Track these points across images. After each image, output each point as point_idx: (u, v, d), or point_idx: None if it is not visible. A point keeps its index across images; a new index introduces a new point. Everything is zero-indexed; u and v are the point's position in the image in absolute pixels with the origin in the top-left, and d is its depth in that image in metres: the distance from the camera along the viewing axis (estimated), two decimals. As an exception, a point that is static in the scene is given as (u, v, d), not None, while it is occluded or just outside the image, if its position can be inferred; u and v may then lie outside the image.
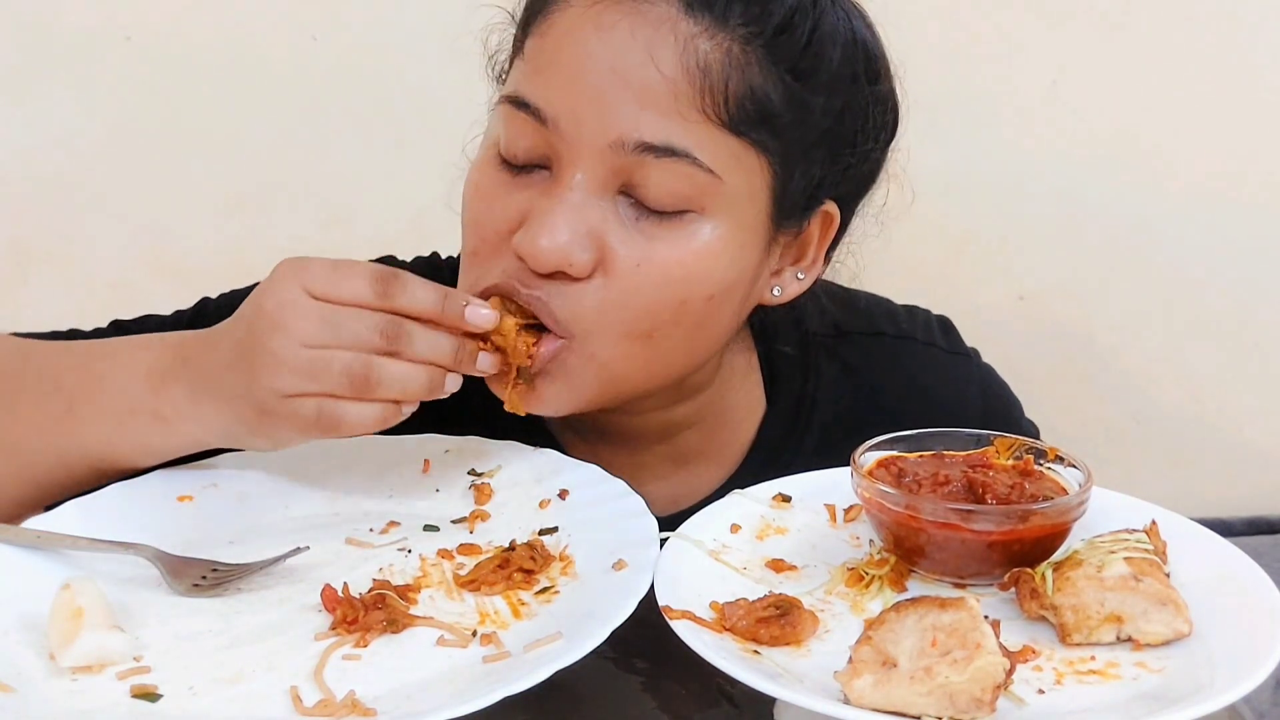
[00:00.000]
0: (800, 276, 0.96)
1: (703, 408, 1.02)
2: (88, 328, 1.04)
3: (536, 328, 0.86)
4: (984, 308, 1.74)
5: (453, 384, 0.82)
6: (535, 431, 0.97)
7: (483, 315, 0.82)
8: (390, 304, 0.79)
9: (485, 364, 0.84)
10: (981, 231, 1.76)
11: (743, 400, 1.04)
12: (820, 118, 0.88)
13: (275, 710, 0.66)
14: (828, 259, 0.99)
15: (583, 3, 0.85)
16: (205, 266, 1.68)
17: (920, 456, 0.82)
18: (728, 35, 0.83)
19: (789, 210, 0.90)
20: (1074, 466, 0.79)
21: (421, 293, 0.80)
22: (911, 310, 1.12)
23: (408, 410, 0.82)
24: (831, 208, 0.94)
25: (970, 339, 1.13)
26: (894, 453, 0.82)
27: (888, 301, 1.12)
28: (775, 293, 0.95)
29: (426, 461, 0.92)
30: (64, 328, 1.05)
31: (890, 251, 1.18)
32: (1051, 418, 1.16)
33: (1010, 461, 0.82)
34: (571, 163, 0.84)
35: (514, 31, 0.92)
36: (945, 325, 1.12)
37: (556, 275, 0.85)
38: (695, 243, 0.86)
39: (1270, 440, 1.87)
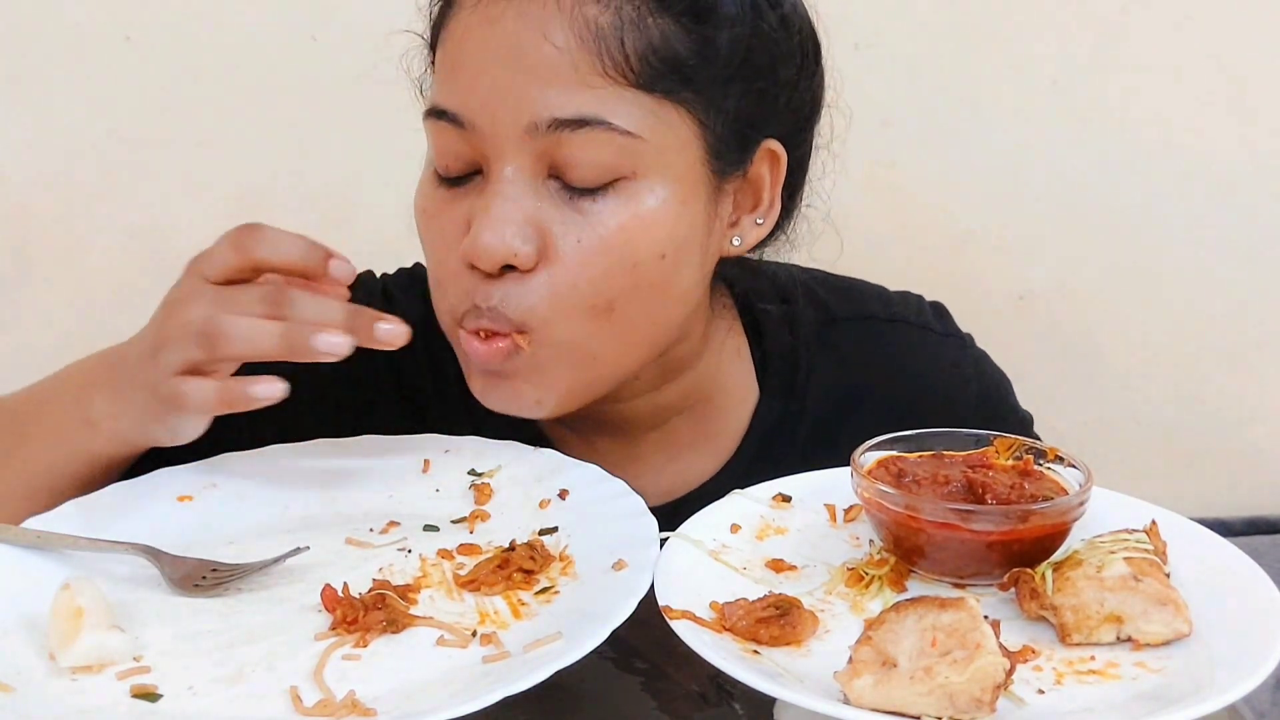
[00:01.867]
0: (759, 222, 0.95)
1: (692, 391, 1.02)
2: (88, 327, 1.04)
3: None
4: (984, 308, 1.74)
5: (329, 345, 0.79)
6: (524, 425, 0.97)
7: (345, 269, 0.82)
8: (250, 257, 0.81)
9: (386, 334, 0.82)
10: (980, 231, 1.76)
11: (734, 387, 1.04)
12: (727, 55, 0.87)
13: (275, 710, 0.66)
14: (790, 202, 0.98)
15: (470, 4, 0.86)
16: (205, 266, 1.68)
17: (920, 456, 0.82)
18: None
19: (724, 155, 0.90)
20: (1074, 466, 0.79)
21: (284, 244, 0.82)
22: (904, 295, 1.12)
23: (262, 391, 0.80)
24: (775, 146, 0.93)
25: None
26: (894, 453, 0.82)
27: (879, 287, 1.12)
28: (735, 242, 0.95)
29: (426, 461, 0.92)
30: (64, 327, 1.05)
31: (890, 251, 1.18)
32: (1051, 418, 1.16)
33: (1010, 461, 0.82)
34: (497, 158, 0.85)
35: (429, 53, 0.94)
36: (939, 309, 1.12)
37: (505, 273, 0.85)
38: (634, 207, 0.86)
39: (1270, 440, 1.87)
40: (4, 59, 1.64)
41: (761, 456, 1.03)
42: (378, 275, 1.11)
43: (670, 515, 0.88)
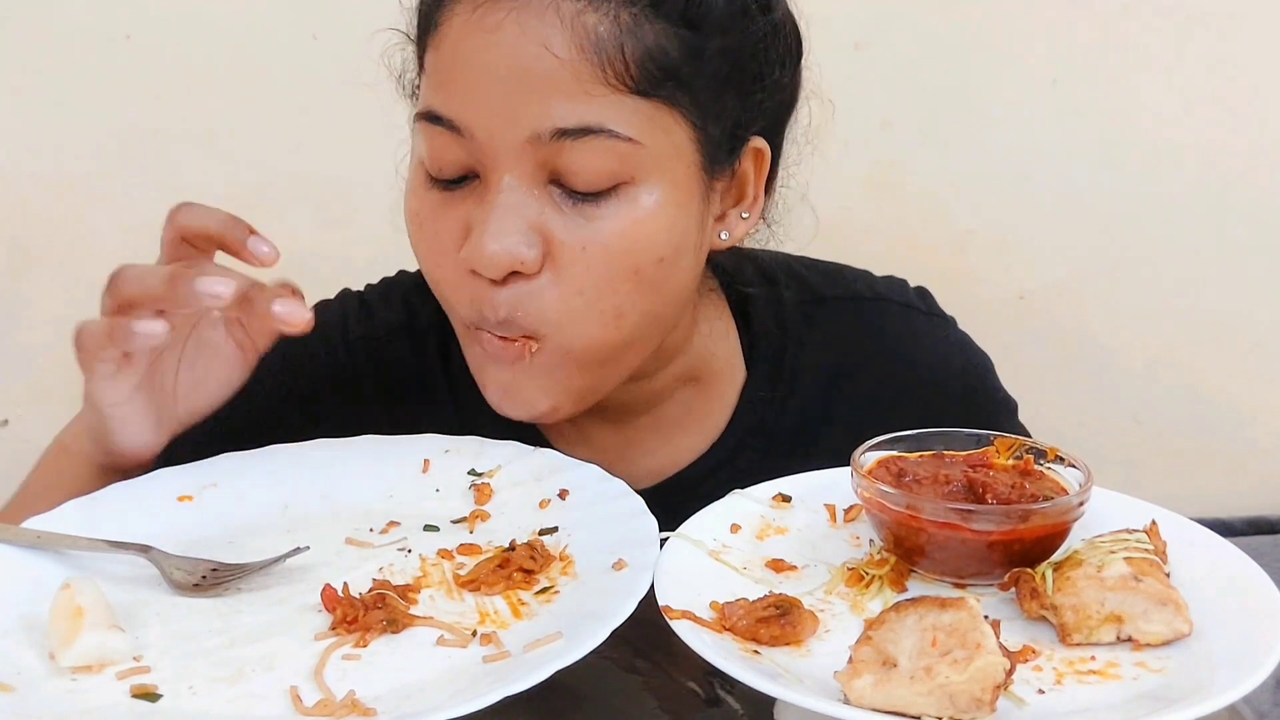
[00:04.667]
0: (745, 215, 0.97)
1: (682, 374, 1.03)
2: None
3: None
4: (984, 307, 1.74)
5: (208, 286, 0.81)
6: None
7: (264, 248, 0.84)
8: (175, 226, 0.87)
9: (281, 312, 0.82)
10: (981, 231, 1.76)
11: (722, 367, 1.05)
12: (721, 60, 0.88)
13: (275, 710, 0.66)
14: (768, 192, 0.99)
15: (466, 10, 0.85)
16: (205, 266, 1.68)
17: (920, 456, 0.82)
18: (612, 3, 0.84)
19: (717, 156, 0.91)
20: (1074, 466, 0.79)
21: (207, 214, 0.87)
22: (889, 278, 1.13)
23: (143, 329, 0.83)
24: (760, 143, 0.94)
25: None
26: (894, 453, 0.82)
27: (865, 270, 1.13)
28: (723, 236, 0.96)
29: (426, 461, 0.92)
30: (64, 327, 1.05)
31: (890, 251, 1.18)
32: (1051, 418, 1.16)
33: (1010, 461, 0.82)
34: (496, 166, 0.85)
35: (414, 49, 0.94)
36: (922, 292, 1.12)
37: (510, 279, 0.86)
38: (635, 212, 0.86)
39: (1270, 440, 1.87)
40: (4, 59, 1.64)
41: (751, 434, 1.04)
42: (354, 290, 1.13)
43: (661, 494, 0.89)
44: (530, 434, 1.00)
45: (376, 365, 1.07)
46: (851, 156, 1.68)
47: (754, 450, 1.04)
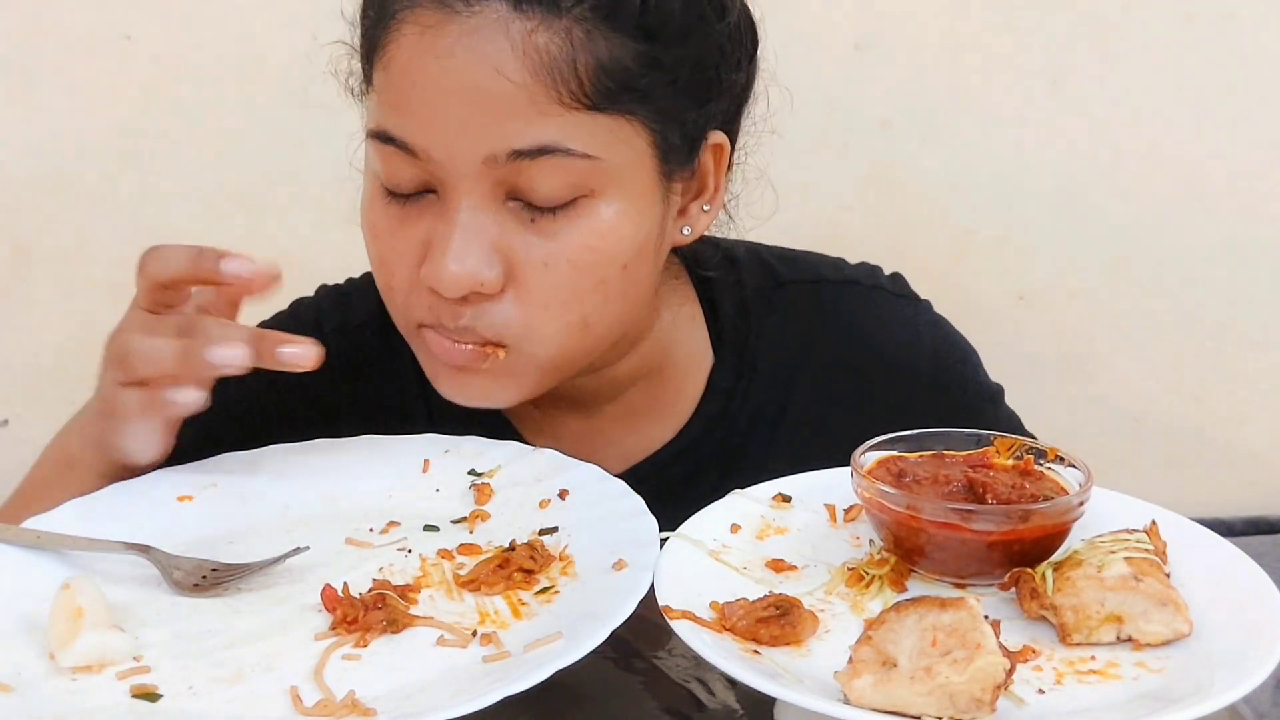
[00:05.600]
0: (706, 208, 0.97)
1: (646, 361, 1.03)
2: (88, 327, 1.04)
3: None
4: (984, 308, 1.74)
5: (221, 357, 0.82)
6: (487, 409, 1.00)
7: (238, 266, 0.84)
8: (150, 279, 0.85)
9: (290, 356, 0.84)
10: (981, 231, 1.76)
11: (688, 354, 1.06)
12: (679, 69, 0.88)
13: (275, 710, 0.66)
14: (727, 180, 1.00)
15: (414, 33, 0.85)
16: (205, 266, 1.68)
17: (920, 456, 0.82)
18: (563, 19, 0.83)
19: (675, 159, 0.91)
20: (1074, 466, 0.79)
21: (172, 259, 0.85)
22: (861, 263, 1.12)
23: (180, 398, 0.84)
24: (719, 137, 0.94)
25: (970, 338, 1.13)
26: (894, 453, 0.82)
27: (838, 258, 1.13)
28: (685, 232, 0.96)
29: (426, 461, 0.92)
30: (64, 327, 1.06)
31: (890, 251, 1.18)
32: (1051, 418, 1.16)
33: (1010, 461, 0.82)
34: (454, 187, 0.85)
35: (360, 62, 0.94)
36: (896, 277, 1.12)
37: (471, 297, 0.86)
38: (596, 224, 0.87)
39: (1270, 440, 1.87)
40: (4, 59, 1.63)
41: (715, 421, 1.05)
42: (333, 284, 1.14)
43: (629, 481, 0.89)
44: (499, 423, 1.02)
45: (347, 355, 1.07)
46: (851, 156, 1.68)
47: (718, 437, 1.04)
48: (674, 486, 0.92)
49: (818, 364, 1.05)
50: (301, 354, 0.84)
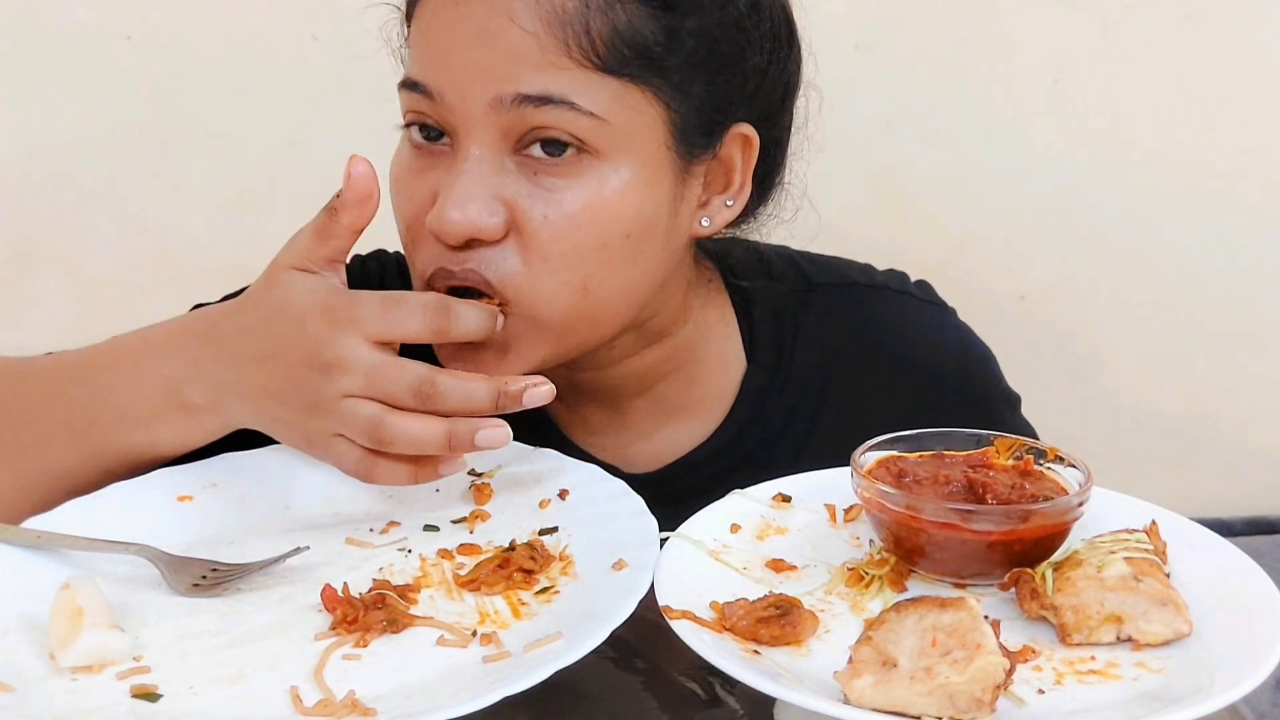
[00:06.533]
0: (729, 204, 0.96)
1: (674, 357, 1.03)
2: (88, 327, 1.03)
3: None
4: (984, 308, 1.74)
5: (490, 440, 0.82)
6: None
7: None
8: (445, 334, 0.83)
9: (533, 397, 0.83)
10: (981, 231, 1.76)
11: (719, 353, 1.06)
12: (696, 42, 0.88)
13: (275, 710, 0.66)
14: (767, 186, 1.00)
15: None
16: (205, 266, 1.68)
17: (920, 456, 0.82)
18: None
19: (691, 139, 0.91)
20: (1074, 466, 0.79)
21: (474, 318, 0.84)
22: (889, 270, 1.14)
23: (449, 470, 0.84)
24: (747, 130, 0.94)
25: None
26: (894, 453, 0.82)
27: (866, 264, 1.14)
28: (704, 224, 0.96)
29: (426, 461, 0.92)
30: (64, 327, 1.05)
31: (891, 251, 1.18)
32: (1051, 418, 1.16)
33: (1010, 461, 0.82)
34: (465, 132, 0.87)
35: (404, 26, 0.95)
36: (922, 283, 1.13)
37: (472, 245, 0.87)
38: (598, 185, 0.87)
39: (1270, 440, 1.87)
40: (4, 59, 1.63)
41: (750, 423, 1.05)
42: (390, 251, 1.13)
43: (662, 480, 0.89)
44: (540, 417, 1.01)
45: None
46: (851, 156, 1.68)
47: (753, 438, 1.05)
48: (707, 486, 0.93)
49: (850, 367, 1.06)
50: (497, 438, 0.82)
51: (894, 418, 0.94)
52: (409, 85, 0.89)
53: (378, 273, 1.10)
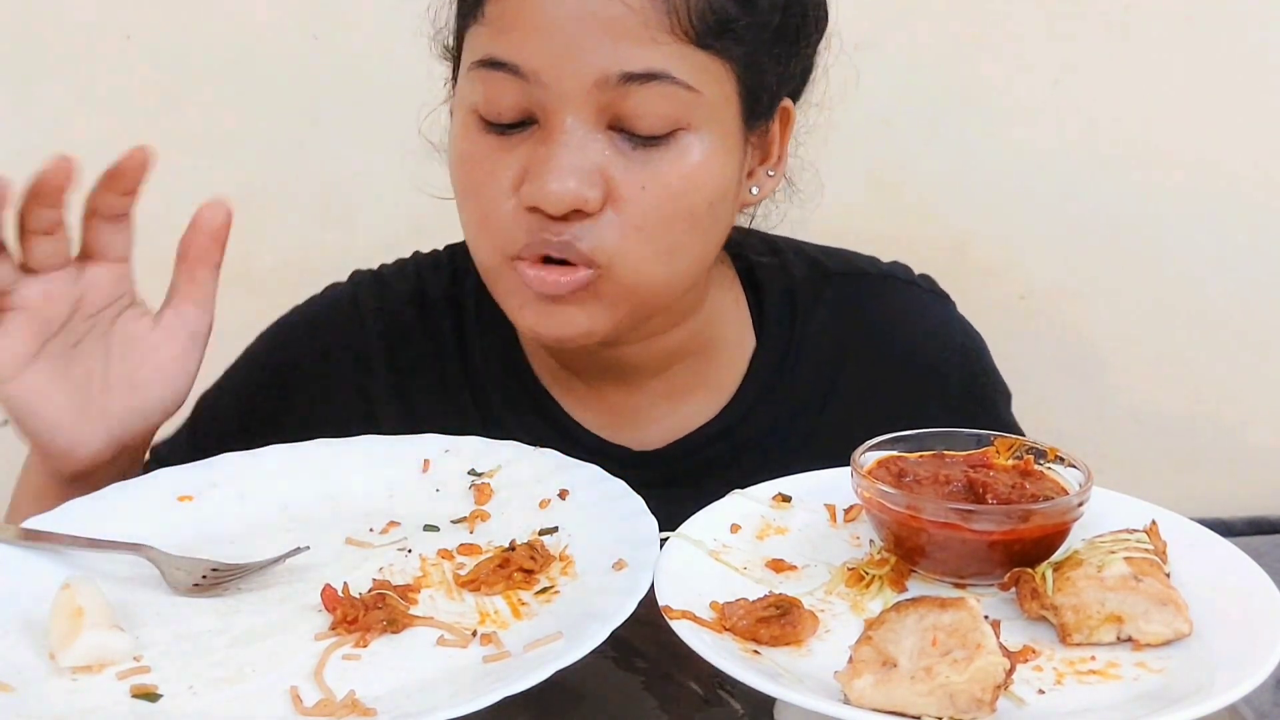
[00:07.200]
0: (770, 174, 1.01)
1: (692, 338, 1.05)
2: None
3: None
4: (984, 308, 1.74)
5: None
6: (527, 380, 1.04)
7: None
8: None
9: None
10: (982, 231, 1.76)
11: (731, 335, 1.08)
12: (770, 17, 0.92)
13: (275, 710, 0.66)
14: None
15: None
16: (205, 266, 1.68)
17: (920, 456, 0.82)
18: None
19: (757, 112, 0.95)
20: (1074, 466, 0.79)
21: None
22: (893, 261, 1.16)
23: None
24: (788, 104, 0.98)
25: (970, 339, 1.13)
26: (894, 453, 0.82)
27: (870, 255, 1.16)
28: (754, 191, 1.00)
29: (426, 461, 0.92)
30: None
31: (891, 250, 1.18)
32: (1051, 418, 1.16)
33: (1010, 461, 0.82)
34: (560, 109, 0.87)
35: (455, 6, 0.96)
36: (924, 276, 1.15)
37: (572, 216, 0.88)
38: (690, 157, 0.90)
39: (1271, 440, 1.87)
40: (4, 59, 1.63)
41: (759, 401, 1.07)
42: (368, 268, 1.15)
43: (670, 456, 0.93)
44: (543, 398, 1.04)
45: (387, 335, 1.10)
46: (852, 156, 1.68)
47: (760, 419, 1.06)
48: (714, 465, 0.95)
49: (861, 355, 1.08)
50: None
51: (899, 406, 0.97)
52: (494, 65, 0.89)
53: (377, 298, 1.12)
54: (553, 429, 1.05)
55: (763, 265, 1.09)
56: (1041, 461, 0.81)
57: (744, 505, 0.84)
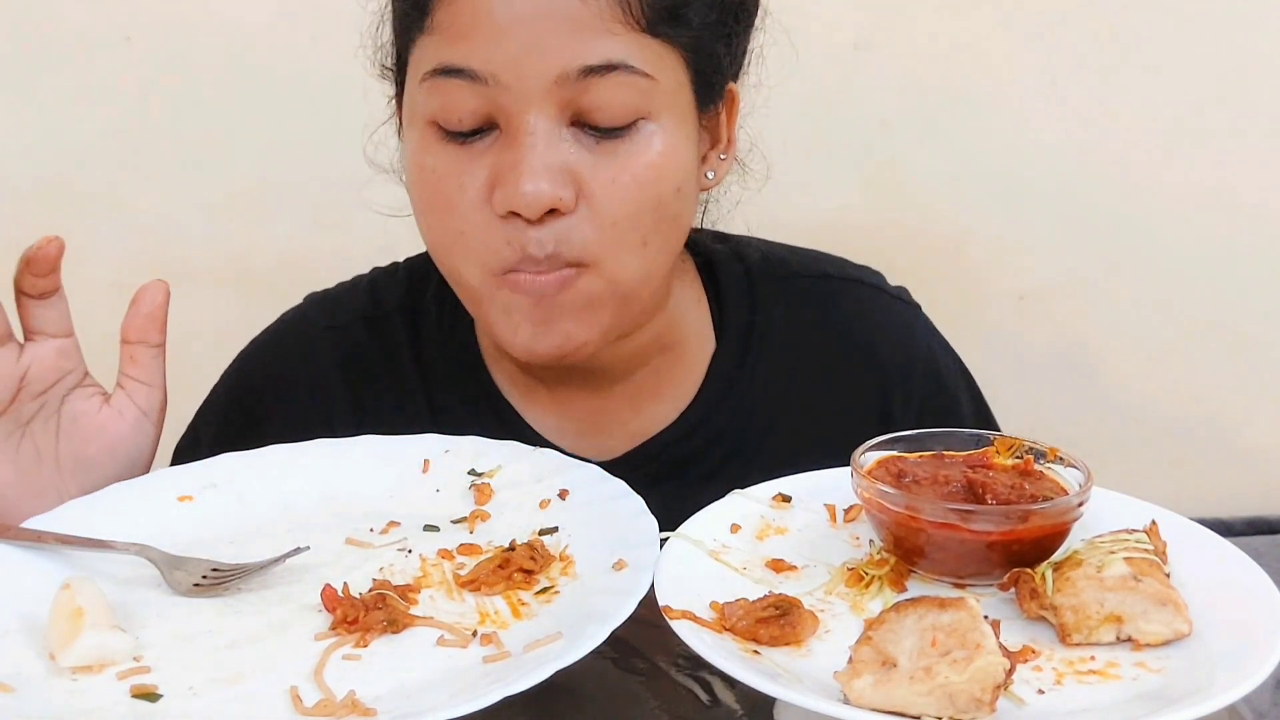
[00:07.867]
0: (722, 157, 1.01)
1: (655, 341, 1.05)
2: (87, 328, 1.03)
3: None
4: (984, 308, 1.74)
5: None
6: (483, 386, 1.03)
7: None
8: None
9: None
10: (980, 231, 1.76)
11: (693, 336, 1.08)
12: (714, 3, 0.92)
13: (275, 710, 0.66)
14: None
15: None
16: (205, 266, 1.68)
17: (920, 456, 0.82)
18: None
19: (708, 96, 0.95)
20: (1074, 466, 0.79)
21: None
22: (864, 266, 1.16)
23: None
24: (733, 87, 0.99)
25: (970, 339, 1.14)
26: (894, 453, 0.82)
27: (841, 257, 1.16)
28: (709, 176, 1.00)
29: (426, 461, 0.92)
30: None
31: (890, 250, 1.18)
32: (1051, 418, 1.16)
33: (1010, 461, 0.82)
34: (522, 110, 0.87)
35: (397, 20, 0.95)
36: (900, 289, 1.15)
37: (547, 217, 0.88)
38: (654, 146, 0.90)
39: (1270, 440, 1.87)
40: (4, 59, 1.63)
41: (719, 402, 1.06)
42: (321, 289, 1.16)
43: (630, 462, 0.92)
44: (503, 408, 1.04)
45: (339, 353, 1.09)
46: (851, 156, 1.68)
47: (721, 419, 1.06)
48: (677, 466, 0.95)
49: (821, 355, 1.08)
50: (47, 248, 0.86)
51: (860, 406, 0.96)
52: (450, 72, 0.88)
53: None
54: (514, 438, 1.04)
55: (718, 254, 1.09)
56: (1041, 462, 0.81)
57: (744, 505, 0.84)
